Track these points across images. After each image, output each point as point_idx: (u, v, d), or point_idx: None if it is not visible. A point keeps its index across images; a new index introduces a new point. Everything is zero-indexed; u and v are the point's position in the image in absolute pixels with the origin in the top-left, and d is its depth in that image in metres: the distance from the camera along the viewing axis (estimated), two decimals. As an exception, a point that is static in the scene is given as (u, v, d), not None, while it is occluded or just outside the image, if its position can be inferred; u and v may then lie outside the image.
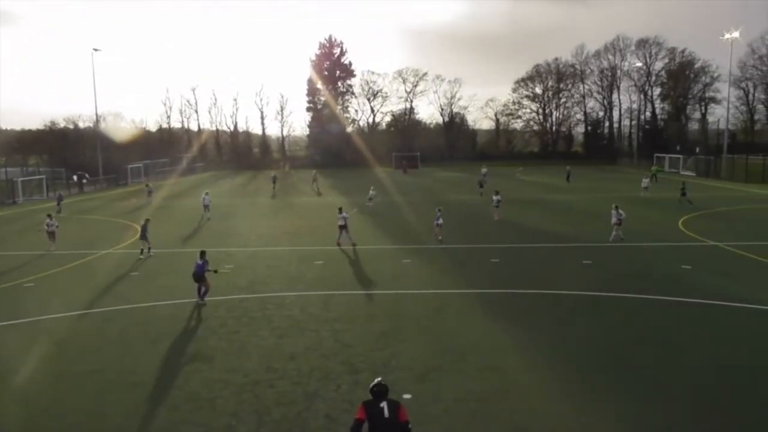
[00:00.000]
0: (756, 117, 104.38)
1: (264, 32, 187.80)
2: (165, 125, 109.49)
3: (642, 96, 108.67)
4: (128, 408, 11.92)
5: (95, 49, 71.12)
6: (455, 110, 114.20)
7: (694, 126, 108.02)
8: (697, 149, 79.82)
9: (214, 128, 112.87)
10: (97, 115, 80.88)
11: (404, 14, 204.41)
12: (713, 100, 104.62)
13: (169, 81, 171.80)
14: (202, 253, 19.62)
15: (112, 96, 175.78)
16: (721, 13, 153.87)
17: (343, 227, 28.54)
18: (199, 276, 19.10)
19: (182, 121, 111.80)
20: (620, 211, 29.18)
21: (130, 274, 23.79)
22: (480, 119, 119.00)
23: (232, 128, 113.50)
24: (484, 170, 69.65)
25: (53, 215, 30.59)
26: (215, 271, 19.67)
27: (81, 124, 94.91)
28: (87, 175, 68.08)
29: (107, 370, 13.93)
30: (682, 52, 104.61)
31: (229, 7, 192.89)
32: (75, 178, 66.62)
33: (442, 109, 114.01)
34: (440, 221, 29.51)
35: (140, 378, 13.37)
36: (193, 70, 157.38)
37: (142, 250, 27.31)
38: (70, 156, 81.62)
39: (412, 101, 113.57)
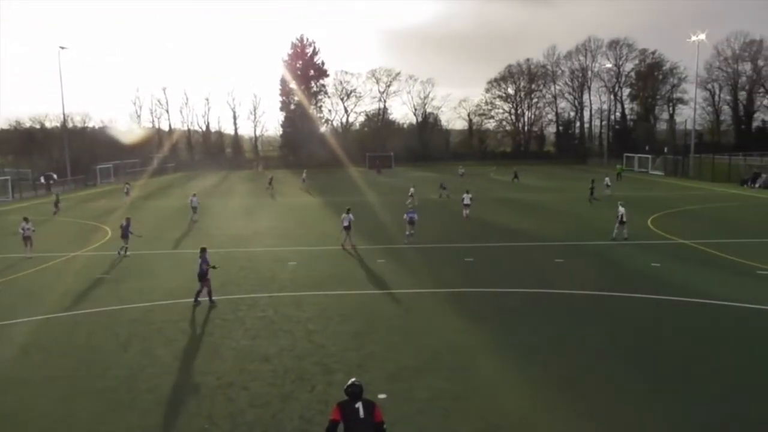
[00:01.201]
0: (722, 117, 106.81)
1: (236, 32, 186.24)
2: (135, 125, 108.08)
3: (612, 96, 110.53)
4: (97, 414, 11.70)
5: (62, 47, 69.78)
6: (429, 110, 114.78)
7: (662, 126, 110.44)
8: (666, 149, 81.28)
9: (185, 128, 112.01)
10: (64, 114, 79.49)
11: (377, 15, 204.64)
12: (681, 100, 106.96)
13: (139, 80, 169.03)
14: (203, 250, 19.32)
15: (80, 95, 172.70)
16: (689, 15, 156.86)
17: (347, 228, 28.15)
18: (203, 275, 18.89)
19: (153, 121, 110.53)
20: (620, 210, 29.21)
21: (100, 277, 23.39)
22: (453, 119, 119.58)
23: (204, 128, 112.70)
24: (461, 170, 70.14)
25: (29, 219, 28.48)
26: (213, 267, 19.36)
27: (48, 124, 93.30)
28: (54, 176, 66.76)
29: (75, 375, 13.66)
30: (652, 53, 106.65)
31: (200, 6, 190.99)
32: (42, 179, 65.28)
33: (416, 109, 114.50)
34: (414, 216, 29.60)
35: (109, 383, 13.13)
36: (163, 70, 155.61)
37: (123, 248, 27.21)
38: (36, 156, 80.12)
39: (385, 101, 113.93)
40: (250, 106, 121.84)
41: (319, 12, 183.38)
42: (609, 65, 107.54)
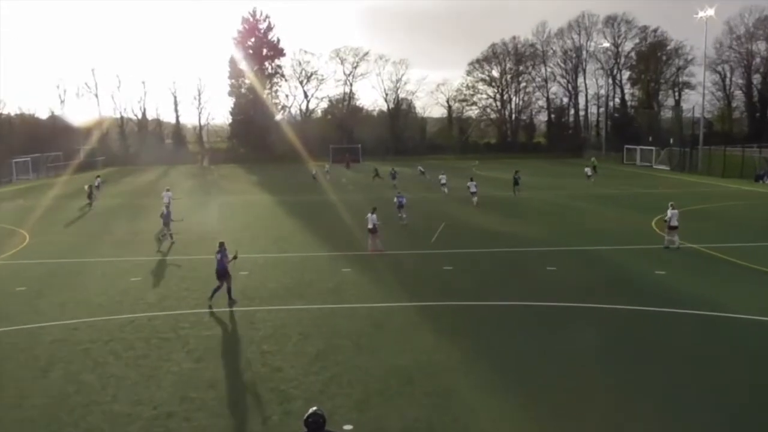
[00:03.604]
0: (734, 104, 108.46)
1: (177, 6, 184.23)
2: (58, 113, 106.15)
3: (610, 80, 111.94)
4: (12, 450, 11.52)
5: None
6: (401, 96, 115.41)
7: (667, 114, 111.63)
8: (671, 140, 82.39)
9: (118, 115, 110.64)
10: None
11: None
12: (687, 85, 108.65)
13: (64, 62, 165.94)
14: (221, 245, 20.39)
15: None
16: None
17: (372, 231, 28.24)
18: (223, 271, 20.03)
19: (79, 107, 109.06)
20: (669, 212, 28.24)
21: (16, 289, 22.94)
22: (430, 106, 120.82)
23: (139, 116, 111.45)
24: (420, 168, 71.49)
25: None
26: (235, 257, 20.47)
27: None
28: None
29: (-14, 405, 13.42)
30: (654, 31, 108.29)
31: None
32: None
33: (387, 95, 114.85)
34: (403, 200, 35.01)
35: (27, 413, 12.91)
36: (92, 49, 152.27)
37: (168, 234, 31.14)
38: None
39: (351, 85, 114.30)
40: (194, 91, 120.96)
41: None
42: (606, 44, 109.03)
